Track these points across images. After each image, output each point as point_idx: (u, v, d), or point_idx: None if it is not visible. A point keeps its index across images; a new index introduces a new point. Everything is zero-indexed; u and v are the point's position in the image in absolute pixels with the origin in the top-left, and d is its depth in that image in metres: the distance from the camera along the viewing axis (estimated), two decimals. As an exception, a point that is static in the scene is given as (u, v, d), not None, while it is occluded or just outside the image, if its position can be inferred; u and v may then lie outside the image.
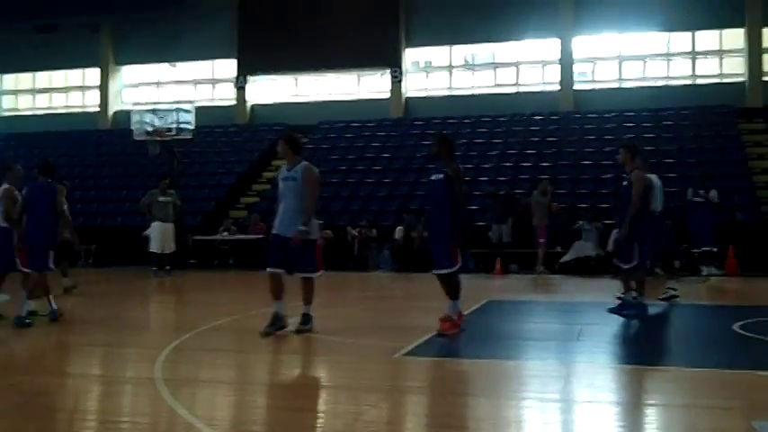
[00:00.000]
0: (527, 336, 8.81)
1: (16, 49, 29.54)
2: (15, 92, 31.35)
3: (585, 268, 17.09)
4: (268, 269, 8.15)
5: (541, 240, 17.03)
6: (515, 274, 17.60)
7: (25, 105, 31.22)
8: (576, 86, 25.11)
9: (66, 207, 11.00)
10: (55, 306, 9.54)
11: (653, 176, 10.11)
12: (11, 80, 31.28)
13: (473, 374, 6.58)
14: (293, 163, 8.28)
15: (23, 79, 31.05)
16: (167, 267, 17.10)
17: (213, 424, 4.89)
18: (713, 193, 15.17)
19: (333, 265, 18.95)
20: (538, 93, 25.46)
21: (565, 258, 17.56)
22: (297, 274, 8.21)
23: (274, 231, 8.29)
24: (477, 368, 6.77)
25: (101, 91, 29.20)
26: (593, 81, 25.62)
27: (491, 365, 6.84)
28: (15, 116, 30.94)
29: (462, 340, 8.15)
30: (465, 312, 8.79)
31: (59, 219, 9.93)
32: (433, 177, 8.28)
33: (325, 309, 11.31)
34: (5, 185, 9.98)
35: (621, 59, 25.15)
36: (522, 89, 25.81)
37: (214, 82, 28.69)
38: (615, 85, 25.17)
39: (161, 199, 17.22)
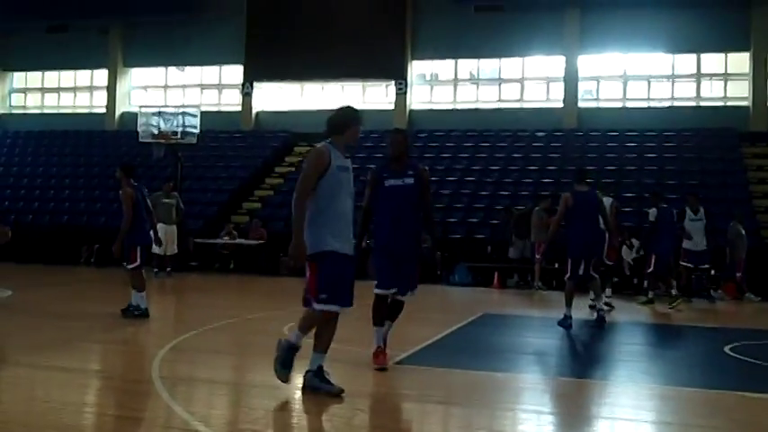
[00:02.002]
0: (519, 349, 8.92)
1: (27, 49, 29.77)
2: (24, 90, 31.54)
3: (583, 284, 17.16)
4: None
5: (538, 257, 17.16)
6: (513, 289, 17.71)
7: (33, 104, 31.41)
8: (581, 104, 25.26)
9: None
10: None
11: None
12: (21, 78, 31.47)
13: (466, 385, 6.69)
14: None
15: (32, 78, 31.26)
16: (168, 269, 17.27)
17: (209, 422, 5.02)
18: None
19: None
20: (542, 109, 25.62)
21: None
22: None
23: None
24: (471, 379, 6.88)
25: (108, 92, 29.36)
26: (598, 99, 25.77)
27: (484, 377, 6.96)
28: (23, 114, 31.12)
29: (456, 351, 8.28)
30: (460, 324, 8.87)
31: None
32: (399, 182, 7.02)
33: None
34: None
35: (626, 79, 25.31)
36: (525, 105, 25.98)
37: (221, 87, 28.86)
38: (619, 105, 25.32)
39: (164, 201, 17.36)
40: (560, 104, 25.29)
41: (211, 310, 11.75)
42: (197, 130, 22.11)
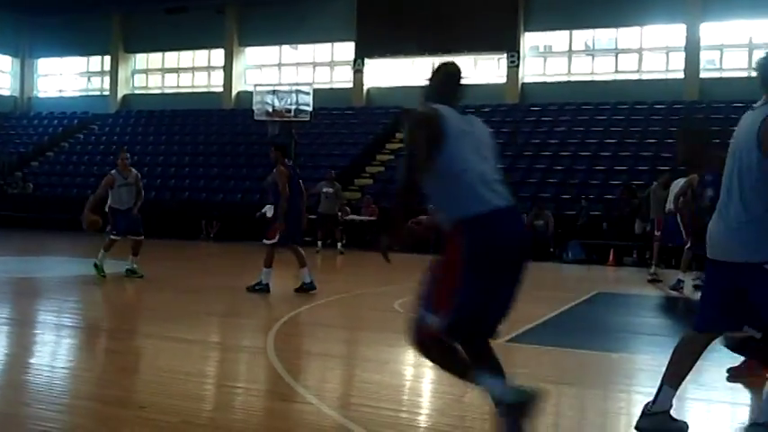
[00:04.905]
0: (634, 329, 8.70)
1: (147, 31, 31.04)
2: (146, 71, 32.86)
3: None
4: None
5: (657, 233, 16.61)
6: (629, 267, 17.25)
7: (154, 84, 32.72)
8: (703, 75, 24.19)
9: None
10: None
11: None
12: (142, 60, 32.81)
13: (579, 365, 6.57)
14: None
15: (153, 59, 32.54)
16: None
17: (322, 396, 5.12)
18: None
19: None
20: (661, 80, 24.69)
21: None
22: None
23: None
24: (584, 359, 6.75)
25: (225, 71, 30.21)
26: (721, 69, 24.61)
27: (598, 357, 6.82)
28: (145, 94, 32.47)
29: (569, 330, 8.15)
30: (574, 302, 8.67)
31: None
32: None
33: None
34: (113, 171, 11.43)
35: (752, 47, 24.02)
36: (644, 76, 25.10)
37: (333, 65, 29.20)
38: (744, 75, 24.05)
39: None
40: (681, 75, 24.30)
41: (323, 285, 11.95)
42: (310, 108, 22.51)
